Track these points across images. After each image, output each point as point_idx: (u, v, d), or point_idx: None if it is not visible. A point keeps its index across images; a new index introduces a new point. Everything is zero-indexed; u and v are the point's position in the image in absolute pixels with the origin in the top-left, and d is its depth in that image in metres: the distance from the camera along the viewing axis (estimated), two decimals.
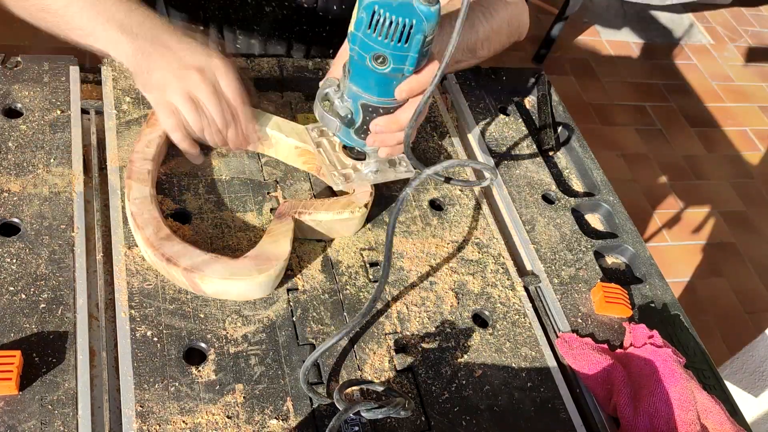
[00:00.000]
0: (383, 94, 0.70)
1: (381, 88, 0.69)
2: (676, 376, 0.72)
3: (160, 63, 0.75)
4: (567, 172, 1.01)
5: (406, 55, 0.65)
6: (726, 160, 2.79)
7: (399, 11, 0.62)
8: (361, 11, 0.63)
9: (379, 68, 0.66)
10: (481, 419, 0.69)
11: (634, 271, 0.91)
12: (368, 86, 0.69)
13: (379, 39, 0.64)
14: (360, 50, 0.66)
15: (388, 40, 0.63)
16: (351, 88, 0.71)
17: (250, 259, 0.70)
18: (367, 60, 0.66)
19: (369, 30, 0.64)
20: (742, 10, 3.60)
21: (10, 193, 0.73)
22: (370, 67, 0.66)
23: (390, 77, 0.68)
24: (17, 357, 0.60)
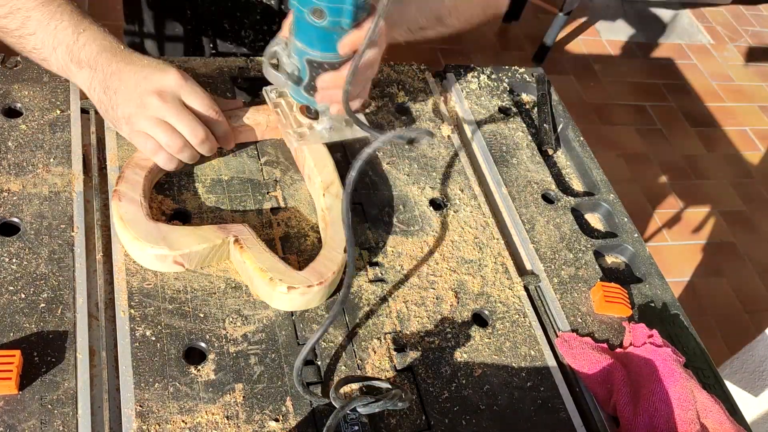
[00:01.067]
0: (326, 49, 0.71)
1: (323, 44, 0.70)
2: (676, 375, 0.72)
3: (121, 96, 0.74)
4: (567, 172, 1.01)
5: (341, 7, 0.66)
6: (726, 159, 2.79)
7: None
8: None
9: (317, 22, 0.67)
10: (481, 419, 0.69)
11: (634, 270, 0.91)
12: (311, 42, 0.71)
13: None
14: (298, 4, 0.67)
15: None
16: (296, 44, 0.72)
17: (156, 225, 0.71)
18: (305, 14, 0.67)
19: None
20: (742, 10, 3.60)
21: (10, 192, 0.73)
22: (309, 22, 0.68)
23: (329, 31, 0.69)
24: (17, 356, 0.60)
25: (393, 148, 0.92)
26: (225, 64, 0.93)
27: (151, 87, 0.73)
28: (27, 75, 0.84)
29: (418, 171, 0.90)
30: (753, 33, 3.48)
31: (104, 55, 0.75)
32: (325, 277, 0.71)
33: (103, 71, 0.75)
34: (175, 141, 0.74)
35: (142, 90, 0.73)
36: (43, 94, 0.82)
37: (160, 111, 0.73)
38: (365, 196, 0.85)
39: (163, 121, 0.74)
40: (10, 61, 0.84)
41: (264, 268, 0.69)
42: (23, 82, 0.83)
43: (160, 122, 0.74)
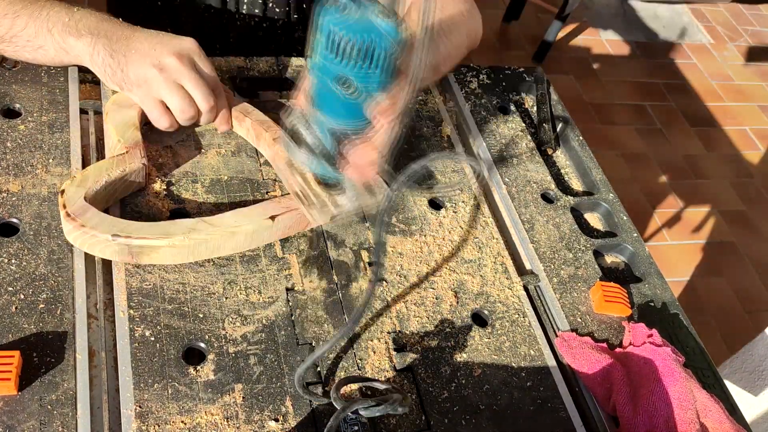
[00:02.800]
0: (352, 118, 0.65)
1: (349, 113, 0.65)
2: (676, 375, 0.72)
3: (133, 58, 0.74)
4: (566, 171, 1.01)
5: (372, 75, 0.60)
6: (726, 159, 2.79)
7: (358, 30, 0.57)
8: (317, 34, 0.59)
9: (345, 92, 0.61)
10: (481, 418, 0.69)
11: (633, 270, 0.91)
12: (336, 112, 0.65)
13: (342, 62, 0.59)
14: (322, 75, 0.61)
15: (351, 61, 0.59)
16: (317, 116, 0.66)
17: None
18: (330, 85, 0.61)
19: (329, 53, 0.59)
20: (742, 10, 3.60)
21: (9, 193, 0.73)
22: (336, 92, 0.62)
23: (358, 101, 0.63)
24: (16, 357, 0.60)
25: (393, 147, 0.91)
26: (224, 63, 0.93)
27: (169, 49, 0.74)
28: (25, 75, 0.84)
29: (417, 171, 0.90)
30: (753, 32, 3.48)
31: (105, 24, 0.76)
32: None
33: (107, 36, 0.75)
34: (188, 108, 0.75)
35: (159, 52, 0.74)
36: (42, 94, 0.82)
37: (178, 73, 0.74)
38: None
39: (180, 86, 0.74)
40: (8, 61, 0.84)
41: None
42: (22, 82, 0.83)
43: (177, 87, 0.74)
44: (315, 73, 0.63)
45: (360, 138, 0.67)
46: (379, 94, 0.63)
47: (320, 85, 0.63)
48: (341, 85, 0.61)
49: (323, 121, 0.66)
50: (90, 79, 0.87)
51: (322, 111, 0.66)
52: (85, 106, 0.84)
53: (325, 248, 0.78)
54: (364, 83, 0.61)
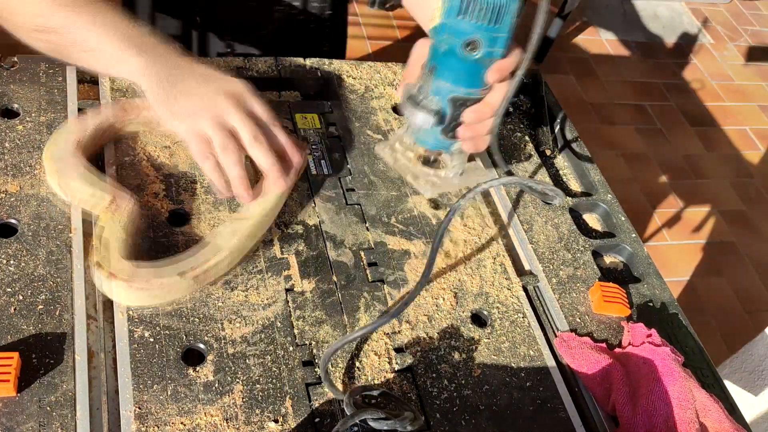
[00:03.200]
0: (472, 83, 0.69)
1: (470, 78, 0.69)
2: (675, 374, 0.72)
3: (183, 89, 0.72)
4: (564, 173, 1.01)
5: (498, 36, 0.66)
6: (726, 159, 2.79)
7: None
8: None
9: (471, 55, 0.66)
10: (480, 419, 0.69)
11: (632, 270, 0.91)
12: (458, 78, 0.69)
13: (472, 23, 0.64)
14: (451, 39, 0.66)
15: (481, 22, 0.64)
16: (438, 85, 0.70)
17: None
18: (457, 48, 0.66)
19: (461, 16, 0.64)
20: (742, 10, 3.60)
21: (7, 194, 0.73)
22: (461, 56, 0.66)
23: (480, 64, 0.67)
24: (15, 358, 0.60)
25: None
26: (223, 64, 0.93)
27: (222, 87, 0.73)
28: (24, 75, 0.84)
29: None
30: (753, 32, 3.48)
31: (165, 48, 0.74)
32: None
33: (165, 61, 0.73)
34: (229, 143, 0.71)
35: (211, 88, 0.72)
36: (40, 94, 0.82)
37: (227, 111, 0.72)
38: (364, 196, 0.85)
39: (226, 127, 0.72)
40: (6, 61, 0.84)
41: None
42: (20, 82, 0.83)
43: (221, 127, 0.72)
44: (441, 38, 0.67)
45: (477, 105, 0.71)
46: (501, 56, 0.68)
47: (445, 50, 0.67)
48: (467, 49, 0.66)
49: (443, 89, 0.70)
50: (88, 79, 0.87)
51: (444, 78, 0.69)
52: (83, 106, 0.83)
53: (325, 249, 0.78)
54: (491, 45, 0.66)
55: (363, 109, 0.95)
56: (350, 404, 0.62)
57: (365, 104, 0.96)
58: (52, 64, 0.85)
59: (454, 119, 0.72)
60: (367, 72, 1.00)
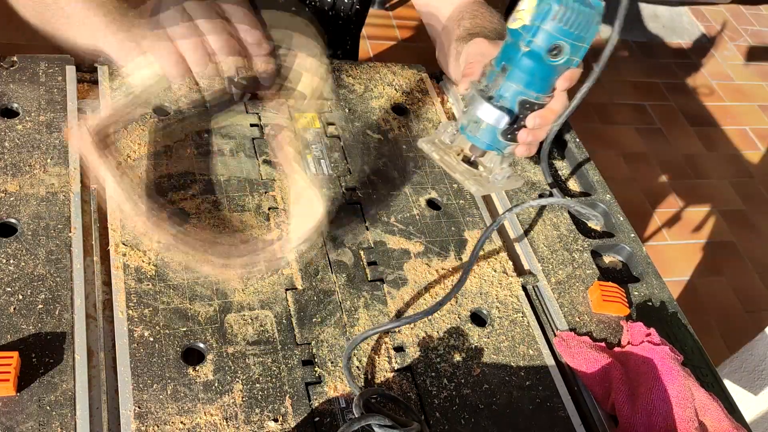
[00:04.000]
0: (543, 89, 0.70)
1: (543, 83, 0.70)
2: (674, 373, 0.72)
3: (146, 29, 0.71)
4: (563, 173, 1.01)
5: (582, 46, 0.68)
6: (726, 159, 2.79)
7: (582, 3, 0.65)
8: (543, 3, 0.65)
9: (553, 60, 0.68)
10: (480, 418, 0.69)
11: (631, 269, 0.91)
12: (531, 81, 0.70)
13: (562, 28, 0.66)
14: (540, 42, 0.67)
15: (573, 30, 0.66)
16: (509, 86, 0.70)
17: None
18: (542, 53, 0.67)
19: (555, 21, 0.65)
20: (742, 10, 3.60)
21: (7, 193, 0.73)
22: (543, 61, 0.68)
23: (555, 70, 0.69)
24: (15, 358, 0.60)
25: (392, 147, 0.92)
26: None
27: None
28: (24, 75, 0.84)
29: (415, 171, 0.90)
30: (753, 32, 3.48)
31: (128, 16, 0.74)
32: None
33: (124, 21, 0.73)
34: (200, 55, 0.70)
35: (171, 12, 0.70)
36: (40, 94, 0.82)
37: (193, 11, 0.70)
38: (364, 195, 0.85)
39: (195, 27, 0.69)
40: (6, 60, 0.84)
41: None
42: (20, 82, 0.83)
43: (192, 29, 0.69)
44: (531, 40, 0.68)
45: (542, 111, 0.72)
46: (577, 65, 0.70)
47: (524, 52, 0.68)
48: (551, 53, 0.68)
49: (514, 90, 0.71)
50: (88, 78, 0.87)
51: (517, 80, 0.70)
52: (83, 106, 0.84)
53: (324, 248, 0.78)
54: (573, 53, 0.68)
55: (362, 108, 0.95)
56: (359, 405, 0.62)
57: (364, 104, 0.96)
58: (51, 64, 0.85)
59: (517, 121, 0.72)
60: (366, 72, 1.00)
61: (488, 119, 0.72)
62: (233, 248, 0.72)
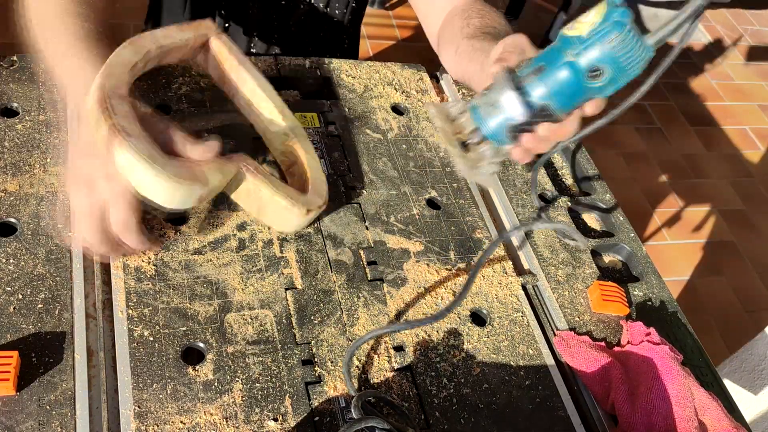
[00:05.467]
0: (567, 104, 0.68)
1: (570, 99, 0.67)
2: (674, 372, 0.72)
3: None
4: (563, 172, 1.01)
5: (622, 78, 0.65)
6: (726, 158, 2.79)
7: (638, 37, 0.63)
8: (610, 21, 0.63)
9: (590, 81, 0.65)
10: (480, 417, 0.69)
11: (631, 269, 0.91)
12: (559, 92, 0.67)
13: (615, 57, 0.63)
14: (586, 59, 0.64)
15: (622, 62, 0.63)
16: (539, 86, 0.68)
17: (178, 162, 0.65)
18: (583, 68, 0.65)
19: (610, 45, 0.63)
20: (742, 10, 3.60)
21: (7, 192, 0.73)
22: (583, 78, 0.65)
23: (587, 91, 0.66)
24: (14, 357, 0.60)
25: (392, 146, 0.92)
26: None
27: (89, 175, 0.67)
28: (23, 75, 0.84)
29: (415, 170, 0.90)
30: (753, 32, 3.48)
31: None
32: (324, 197, 0.78)
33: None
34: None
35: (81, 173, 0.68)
36: (39, 93, 0.82)
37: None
38: (363, 195, 0.85)
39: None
40: (6, 60, 0.84)
41: (283, 195, 0.73)
42: (19, 81, 0.83)
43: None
44: (570, 49, 0.65)
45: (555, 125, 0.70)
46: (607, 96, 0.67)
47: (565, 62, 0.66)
48: (591, 73, 0.65)
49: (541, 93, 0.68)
50: None
51: (545, 84, 0.67)
52: None
53: (324, 247, 0.78)
54: (611, 83, 0.66)
55: (362, 108, 0.95)
56: (358, 407, 0.62)
57: (364, 103, 0.96)
58: None
59: (530, 124, 0.70)
60: (366, 71, 1.00)
61: (508, 107, 0.69)
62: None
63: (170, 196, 0.64)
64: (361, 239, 0.80)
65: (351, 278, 0.76)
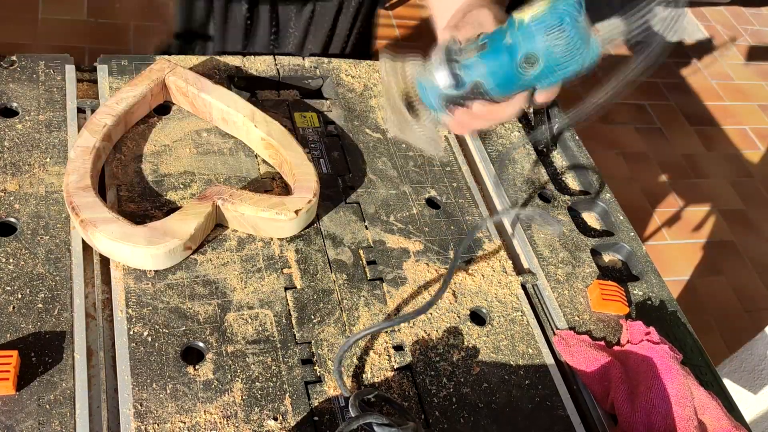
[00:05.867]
0: (502, 87, 0.66)
1: (505, 82, 0.66)
2: (673, 372, 0.72)
3: None
4: (563, 171, 1.01)
5: (556, 73, 0.64)
6: (725, 158, 2.79)
7: (579, 35, 0.62)
8: (554, 11, 0.62)
9: (523, 69, 0.64)
10: (479, 416, 0.69)
11: (631, 268, 0.91)
12: (495, 73, 0.65)
13: (549, 50, 0.62)
14: (521, 44, 0.63)
15: (556, 55, 0.62)
16: (477, 64, 0.66)
17: (148, 229, 0.69)
18: (518, 55, 0.63)
19: (546, 36, 0.62)
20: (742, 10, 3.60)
21: (7, 192, 0.73)
22: (516, 63, 0.64)
23: (521, 78, 0.65)
24: (14, 357, 0.60)
25: (391, 146, 0.92)
26: (221, 62, 0.93)
27: None
28: (23, 74, 0.84)
29: (415, 170, 0.90)
30: (753, 32, 3.48)
31: None
32: (314, 189, 0.78)
33: None
34: None
35: None
36: (39, 93, 0.82)
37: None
38: (363, 194, 0.85)
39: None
40: (5, 60, 0.84)
41: (265, 208, 0.73)
42: (19, 81, 0.83)
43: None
44: (516, 34, 0.64)
45: (491, 106, 0.69)
46: (543, 88, 0.67)
47: (507, 44, 0.65)
48: (524, 61, 0.64)
49: (479, 71, 0.67)
50: (87, 78, 0.87)
51: (485, 62, 0.66)
52: (82, 105, 0.84)
53: (324, 247, 0.78)
54: (543, 77, 0.65)
55: (362, 107, 0.95)
56: (355, 405, 0.62)
57: (364, 103, 0.96)
58: (51, 63, 0.85)
59: (463, 99, 0.69)
60: (365, 71, 1.00)
61: (439, 79, 0.69)
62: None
63: (155, 258, 0.69)
64: (361, 239, 0.80)
65: (350, 278, 0.76)
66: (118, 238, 0.68)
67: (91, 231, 0.68)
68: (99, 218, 0.69)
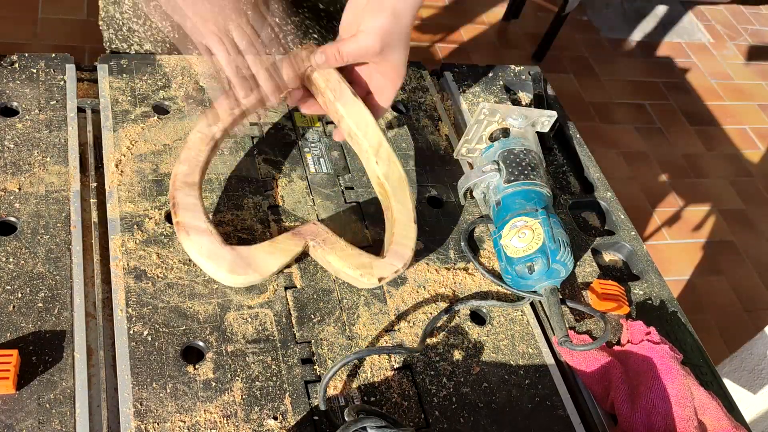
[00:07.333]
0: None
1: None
2: (674, 372, 0.72)
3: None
4: (563, 170, 1.01)
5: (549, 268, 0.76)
6: (725, 158, 2.79)
7: (564, 265, 0.76)
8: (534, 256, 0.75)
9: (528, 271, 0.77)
10: (479, 416, 0.69)
11: (632, 268, 0.91)
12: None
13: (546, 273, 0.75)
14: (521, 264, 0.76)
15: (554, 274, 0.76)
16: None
17: (236, 252, 0.69)
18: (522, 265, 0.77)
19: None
20: (742, 9, 3.60)
21: (7, 191, 0.73)
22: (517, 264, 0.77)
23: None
24: (14, 356, 0.60)
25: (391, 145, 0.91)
26: None
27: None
28: (23, 73, 0.84)
29: (416, 169, 0.90)
30: (752, 32, 3.48)
31: None
32: (407, 258, 0.74)
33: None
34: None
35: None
36: (40, 92, 0.82)
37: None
38: (363, 194, 0.85)
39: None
40: (6, 59, 0.84)
41: (352, 266, 0.72)
42: (19, 80, 0.83)
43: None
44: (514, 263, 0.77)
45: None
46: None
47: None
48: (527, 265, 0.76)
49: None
50: (87, 77, 0.87)
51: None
52: (82, 105, 0.84)
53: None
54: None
55: None
56: (351, 412, 0.62)
57: None
58: (51, 62, 0.85)
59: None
60: None
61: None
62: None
63: (230, 281, 0.70)
64: (361, 238, 0.80)
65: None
66: (205, 255, 0.68)
67: (183, 236, 0.69)
68: (193, 226, 0.69)
